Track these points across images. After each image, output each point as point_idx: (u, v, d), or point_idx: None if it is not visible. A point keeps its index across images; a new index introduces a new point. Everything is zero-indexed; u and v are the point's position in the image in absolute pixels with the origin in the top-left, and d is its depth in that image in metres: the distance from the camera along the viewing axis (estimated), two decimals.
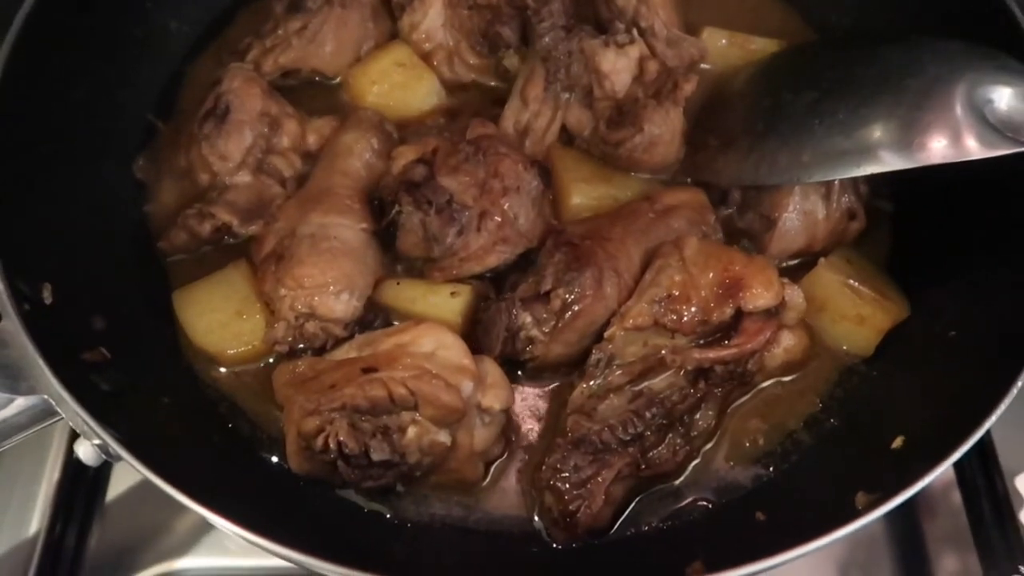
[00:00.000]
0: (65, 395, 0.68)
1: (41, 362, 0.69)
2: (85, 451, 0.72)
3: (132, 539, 0.95)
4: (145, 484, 0.96)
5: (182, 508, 0.95)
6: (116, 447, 0.66)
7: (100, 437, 0.67)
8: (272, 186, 0.99)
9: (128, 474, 0.99)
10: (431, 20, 1.09)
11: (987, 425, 0.70)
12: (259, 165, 1.00)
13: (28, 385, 0.70)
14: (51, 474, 0.96)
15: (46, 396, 0.71)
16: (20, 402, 0.70)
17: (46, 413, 0.72)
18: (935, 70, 0.86)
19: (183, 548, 0.96)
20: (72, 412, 0.69)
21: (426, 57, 1.10)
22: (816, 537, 0.65)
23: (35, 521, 0.96)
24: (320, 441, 0.77)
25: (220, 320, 0.91)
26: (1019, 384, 0.72)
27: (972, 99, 0.83)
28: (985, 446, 0.94)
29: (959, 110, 0.83)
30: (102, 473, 0.97)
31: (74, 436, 0.92)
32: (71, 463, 0.94)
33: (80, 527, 0.93)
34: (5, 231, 0.76)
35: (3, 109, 0.83)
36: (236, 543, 0.97)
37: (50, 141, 0.90)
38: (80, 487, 0.94)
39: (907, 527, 0.99)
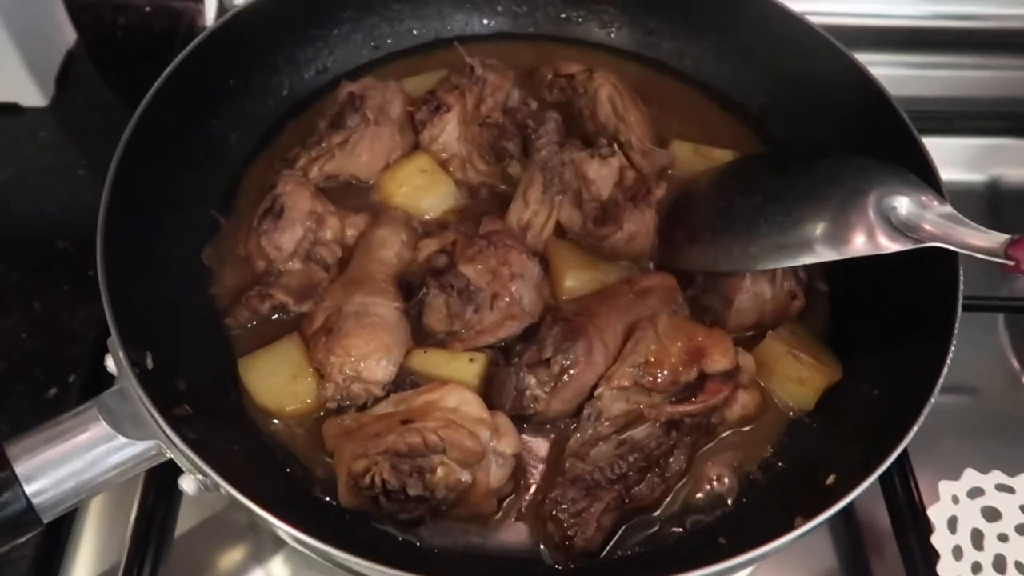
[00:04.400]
0: (175, 439, 0.85)
1: (155, 413, 0.86)
2: (188, 483, 0.88)
3: (194, 571, 1.09)
4: (204, 525, 1.14)
5: (235, 544, 1.14)
6: (216, 478, 0.83)
7: (202, 472, 0.85)
8: (318, 271, 1.15)
9: (190, 517, 1.13)
10: (448, 135, 1.25)
11: (889, 462, 0.88)
12: (308, 254, 1.16)
13: (144, 433, 0.87)
14: (127, 517, 1.11)
15: (158, 440, 0.88)
16: (138, 445, 0.88)
17: (157, 455, 0.89)
18: (853, 182, 1.05)
19: None
20: (178, 452, 0.86)
21: (444, 164, 1.26)
22: (761, 546, 0.83)
23: (112, 556, 1.10)
24: (367, 479, 0.93)
25: (278, 383, 1.05)
26: (915, 429, 0.90)
27: (880, 206, 1.01)
28: (910, 487, 1.11)
29: (871, 214, 1.00)
30: (170, 516, 1.12)
31: (146, 488, 1.09)
32: (145, 509, 1.08)
33: (153, 561, 1.05)
34: (120, 311, 0.93)
35: (111, 217, 1.01)
36: (282, 575, 1.13)
37: (141, 238, 1.08)
38: (153, 528, 1.07)
39: (860, 567, 1.14)
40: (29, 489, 0.83)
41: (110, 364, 0.92)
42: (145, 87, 1.14)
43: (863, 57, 1.26)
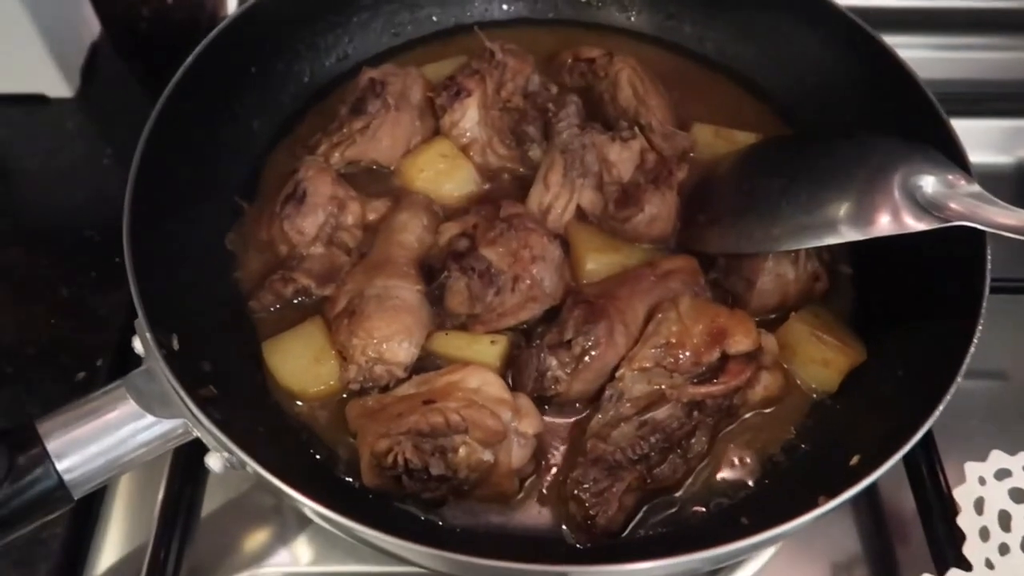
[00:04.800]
0: (202, 417, 0.86)
1: (183, 393, 0.87)
2: (214, 461, 0.89)
3: (220, 550, 1.11)
4: (229, 506, 1.16)
5: (260, 525, 1.15)
6: (242, 456, 0.84)
7: (228, 450, 0.86)
8: (340, 255, 1.16)
9: (215, 498, 1.15)
10: (468, 119, 1.26)
11: (913, 442, 0.87)
12: (329, 238, 1.17)
13: (171, 411, 0.88)
14: (154, 497, 1.13)
15: (184, 419, 0.90)
16: (166, 424, 0.89)
17: (184, 434, 0.90)
18: (878, 162, 1.03)
19: (261, 558, 1.11)
20: (204, 431, 0.87)
21: (464, 149, 1.26)
22: (782, 524, 0.83)
23: (141, 536, 1.12)
24: (390, 459, 0.94)
25: (302, 365, 1.06)
26: (940, 410, 0.89)
27: (906, 185, 1.00)
28: (935, 469, 1.10)
29: (897, 194, 0.99)
30: (197, 497, 1.14)
31: (173, 469, 1.10)
32: (172, 489, 1.09)
33: (180, 541, 1.07)
34: (146, 294, 0.94)
35: (137, 203, 1.02)
36: (306, 555, 1.13)
37: (166, 223, 1.09)
38: (180, 508, 1.09)
39: (883, 551, 1.14)
40: (60, 466, 0.85)
41: (137, 345, 0.94)
42: (168, 78, 1.15)
43: (890, 39, 1.24)
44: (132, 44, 1.66)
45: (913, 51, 1.29)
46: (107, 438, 0.87)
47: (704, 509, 1.00)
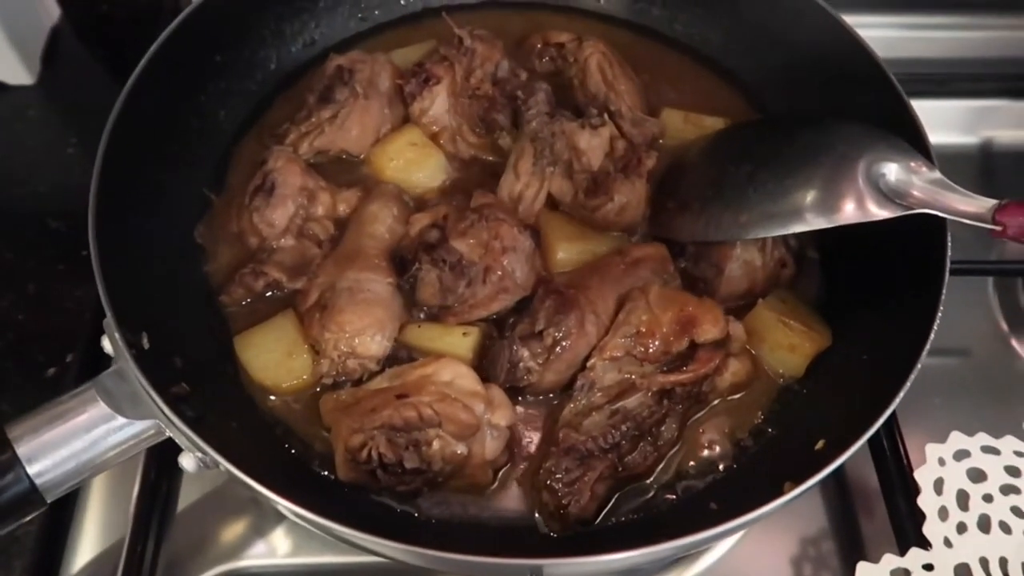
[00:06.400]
0: (174, 419, 0.86)
1: (154, 394, 0.87)
2: (188, 461, 0.90)
3: (197, 544, 1.11)
4: (205, 500, 1.16)
5: (236, 518, 1.16)
6: (215, 456, 0.84)
7: (201, 450, 0.86)
8: (311, 247, 1.16)
9: (191, 492, 1.15)
10: (437, 107, 1.25)
11: (875, 428, 0.89)
12: (300, 230, 1.16)
13: (142, 412, 0.88)
14: (130, 493, 1.12)
15: (156, 420, 0.89)
16: (137, 425, 0.89)
17: (156, 434, 0.90)
18: (843, 149, 1.04)
19: (238, 551, 1.12)
20: (177, 431, 0.87)
21: (434, 137, 1.26)
22: (749, 512, 0.85)
23: (117, 531, 1.12)
24: (364, 454, 0.95)
25: (274, 359, 1.06)
26: (901, 395, 0.91)
27: (870, 173, 1.00)
28: (898, 450, 1.13)
29: (861, 182, 1.00)
30: (172, 491, 1.14)
31: (148, 464, 1.10)
32: (147, 484, 1.09)
33: (157, 535, 1.08)
34: (115, 293, 0.94)
35: (102, 199, 1.00)
36: (283, 547, 1.14)
37: (133, 218, 1.08)
38: (156, 503, 1.09)
39: (849, 527, 1.17)
40: (31, 470, 0.85)
41: (107, 345, 0.93)
42: (132, 61, 1.13)
43: (856, 19, 1.25)
44: (94, 28, 1.63)
45: (878, 31, 1.30)
46: (78, 441, 0.87)
47: (674, 496, 1.02)
